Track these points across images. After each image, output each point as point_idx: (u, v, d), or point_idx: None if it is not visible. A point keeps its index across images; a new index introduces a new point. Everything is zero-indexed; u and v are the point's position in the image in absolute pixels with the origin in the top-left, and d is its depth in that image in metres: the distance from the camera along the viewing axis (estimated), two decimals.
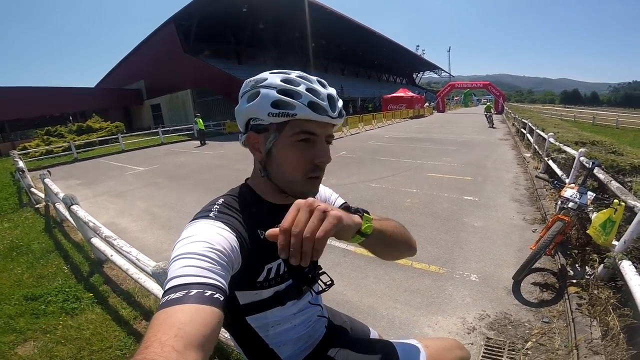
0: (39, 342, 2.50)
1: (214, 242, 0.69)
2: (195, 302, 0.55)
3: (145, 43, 30.45)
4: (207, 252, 0.65)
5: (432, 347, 1.09)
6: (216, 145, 15.81)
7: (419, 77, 75.94)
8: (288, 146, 0.79)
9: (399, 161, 8.95)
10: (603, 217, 2.52)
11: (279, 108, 0.76)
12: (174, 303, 0.55)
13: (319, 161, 0.80)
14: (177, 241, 0.70)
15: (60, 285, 3.29)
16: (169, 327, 0.50)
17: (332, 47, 37.06)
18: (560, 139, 5.92)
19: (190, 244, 0.67)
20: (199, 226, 0.74)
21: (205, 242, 0.67)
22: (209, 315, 0.54)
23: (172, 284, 0.59)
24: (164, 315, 0.53)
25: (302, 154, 0.79)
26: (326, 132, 0.81)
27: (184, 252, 0.65)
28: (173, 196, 6.77)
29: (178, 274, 0.61)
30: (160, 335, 0.48)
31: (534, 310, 2.63)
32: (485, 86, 37.22)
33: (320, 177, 0.84)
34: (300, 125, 0.77)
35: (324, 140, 0.81)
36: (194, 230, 0.72)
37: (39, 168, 11.30)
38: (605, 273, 2.58)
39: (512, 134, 14.90)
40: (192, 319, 0.52)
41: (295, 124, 0.77)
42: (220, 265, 0.65)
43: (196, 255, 0.64)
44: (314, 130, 0.78)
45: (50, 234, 4.85)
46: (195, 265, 0.62)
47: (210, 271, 0.62)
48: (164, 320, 0.51)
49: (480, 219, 4.54)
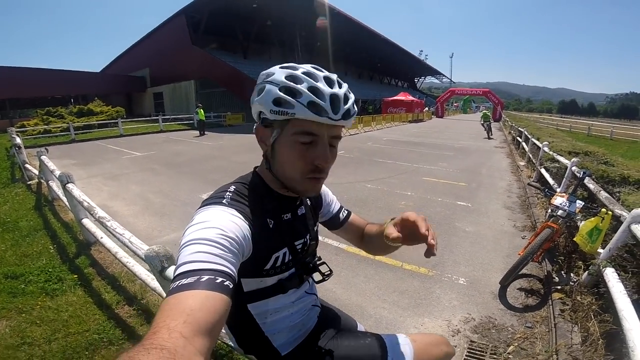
0: (12, 322, 2.44)
1: (227, 229, 0.69)
2: (206, 288, 0.55)
3: (154, 32, 30.57)
4: (219, 239, 0.65)
5: (420, 342, 1.11)
6: (215, 136, 15.77)
7: (421, 81, 76.10)
8: (289, 144, 0.78)
9: (396, 164, 8.96)
10: (590, 225, 2.55)
11: (280, 106, 0.75)
12: (185, 288, 0.54)
13: (318, 163, 0.78)
14: (189, 226, 0.70)
15: (44, 265, 3.23)
16: (179, 313, 0.49)
17: (336, 48, 37.08)
18: (554, 148, 5.96)
19: (203, 229, 0.67)
20: (212, 212, 0.73)
21: (218, 229, 0.67)
22: (218, 302, 0.54)
23: (184, 269, 0.59)
24: (174, 300, 0.52)
25: (302, 154, 0.78)
26: (330, 132, 0.79)
27: (197, 238, 0.65)
28: (169, 183, 6.74)
29: (190, 259, 0.60)
30: (170, 321, 0.48)
31: (518, 315, 2.65)
32: (484, 93, 37.37)
33: (322, 178, 0.83)
34: (301, 125, 0.76)
35: (327, 141, 0.79)
36: (207, 215, 0.72)
37: (36, 146, 11.23)
38: (589, 280, 2.61)
39: (508, 142, 15.01)
40: (202, 306, 0.52)
41: (296, 122, 0.76)
42: (231, 253, 0.65)
43: (209, 242, 0.64)
44: (315, 130, 0.76)
45: (40, 212, 4.80)
46: (208, 252, 0.62)
47: (222, 258, 0.63)
48: (174, 306, 0.51)
49: (471, 224, 4.56)
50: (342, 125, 0.79)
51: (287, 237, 0.92)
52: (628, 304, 1.78)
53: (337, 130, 0.81)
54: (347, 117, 0.78)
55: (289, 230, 0.93)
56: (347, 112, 0.78)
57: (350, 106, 0.79)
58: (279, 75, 0.77)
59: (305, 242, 0.99)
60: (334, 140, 0.82)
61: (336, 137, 0.82)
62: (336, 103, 0.76)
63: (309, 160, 0.78)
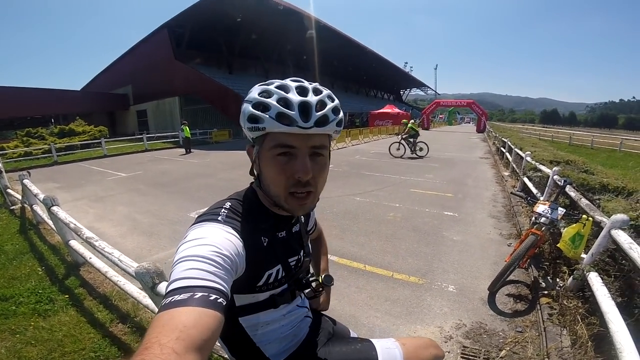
0: (7, 343, 2.40)
1: (221, 247, 0.69)
2: (200, 305, 0.55)
3: (136, 48, 30.22)
4: (213, 256, 0.65)
5: (409, 345, 1.12)
6: (201, 153, 15.66)
7: (406, 93, 77.35)
8: (268, 160, 0.78)
9: (383, 176, 9.08)
10: (572, 232, 2.65)
11: (253, 122, 0.76)
12: (178, 305, 0.54)
13: (298, 176, 0.76)
14: (183, 242, 0.70)
15: (33, 287, 3.18)
16: (172, 329, 0.49)
17: (323, 61, 37.62)
18: (536, 158, 6.15)
19: (198, 246, 0.67)
20: (206, 229, 0.73)
21: (212, 246, 0.67)
22: (211, 319, 0.54)
23: (177, 285, 0.59)
24: (167, 316, 0.52)
25: (282, 168, 0.77)
26: (309, 143, 0.77)
27: (191, 255, 0.65)
28: (156, 203, 6.66)
29: (183, 275, 0.60)
30: (162, 337, 0.48)
31: (508, 320, 2.72)
32: (469, 104, 38.08)
33: (309, 192, 0.81)
34: (276, 139, 0.76)
35: (305, 153, 0.77)
36: (202, 232, 0.72)
37: (17, 169, 10.95)
38: (574, 284, 2.70)
39: (492, 152, 15.35)
40: (195, 323, 0.51)
41: (272, 137, 0.76)
42: (225, 270, 0.65)
43: (203, 259, 0.64)
44: (290, 142, 0.75)
45: (25, 236, 4.70)
46: (201, 269, 0.62)
47: (216, 275, 0.62)
48: (167, 322, 0.51)
49: (459, 234, 4.66)
50: (318, 133, 0.77)
51: (281, 254, 0.92)
52: (613, 306, 1.84)
53: (319, 140, 0.78)
54: (322, 125, 0.76)
55: (283, 247, 0.94)
56: (321, 119, 0.76)
57: (328, 112, 0.77)
58: (253, 93, 0.79)
59: (299, 258, 1.00)
60: (319, 150, 0.79)
61: (319, 147, 0.79)
62: (306, 111, 0.74)
63: (289, 174, 0.77)
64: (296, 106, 0.74)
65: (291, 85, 0.78)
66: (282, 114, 0.74)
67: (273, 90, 0.77)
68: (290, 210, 0.84)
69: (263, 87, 0.79)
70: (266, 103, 0.75)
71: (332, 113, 0.79)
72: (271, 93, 0.77)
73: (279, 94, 0.76)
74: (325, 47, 32.40)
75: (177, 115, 27.67)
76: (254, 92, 0.79)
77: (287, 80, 0.81)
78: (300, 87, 0.79)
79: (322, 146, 0.80)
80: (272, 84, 0.80)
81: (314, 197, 0.84)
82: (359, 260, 3.81)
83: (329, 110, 0.79)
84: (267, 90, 0.78)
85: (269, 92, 0.77)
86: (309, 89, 0.79)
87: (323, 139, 0.80)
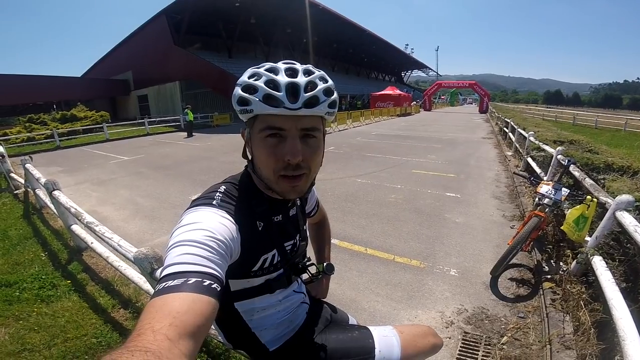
0: (11, 329, 2.43)
1: (215, 231, 0.68)
2: (193, 291, 0.54)
3: (135, 35, 30.04)
4: (207, 241, 0.65)
5: (407, 333, 1.11)
6: (203, 137, 15.61)
7: (407, 75, 76.48)
8: (258, 142, 0.78)
9: (385, 158, 9.02)
10: (576, 213, 2.59)
11: (242, 105, 0.76)
12: (172, 290, 0.53)
13: (287, 158, 0.75)
14: (177, 227, 0.69)
15: (37, 272, 3.21)
16: (164, 315, 0.49)
17: (323, 44, 37.02)
18: (540, 138, 6.07)
19: (192, 231, 0.66)
20: (201, 214, 0.73)
21: (206, 231, 0.67)
22: (205, 305, 0.53)
23: (170, 270, 0.58)
24: (160, 302, 0.52)
25: (272, 150, 0.76)
26: (299, 124, 0.75)
27: (185, 239, 0.64)
28: (158, 186, 6.67)
29: (177, 261, 0.59)
30: (155, 323, 0.47)
31: (510, 305, 2.69)
32: (471, 85, 37.66)
33: (298, 176, 0.79)
34: (265, 121, 0.75)
35: (296, 135, 0.75)
36: (196, 217, 0.71)
37: (20, 154, 10.97)
38: (578, 268, 2.65)
39: (495, 132, 15.20)
40: (188, 309, 0.51)
41: (261, 119, 0.75)
42: (219, 255, 0.65)
43: (196, 243, 0.63)
44: (279, 124, 0.74)
45: (29, 221, 4.72)
46: (195, 254, 0.61)
47: (210, 260, 0.62)
48: (160, 308, 0.50)
49: (461, 215, 4.63)
50: (308, 114, 0.75)
51: (276, 238, 0.91)
52: (616, 292, 1.79)
53: (309, 122, 0.77)
54: (311, 106, 0.74)
55: (279, 231, 0.93)
56: (310, 100, 0.74)
57: (318, 93, 0.75)
58: (244, 76, 0.78)
59: (295, 243, 0.99)
60: (311, 132, 0.77)
61: (310, 129, 0.77)
62: (294, 92, 0.73)
63: (279, 156, 0.75)
64: (283, 87, 0.73)
65: (281, 67, 0.77)
66: (269, 95, 0.72)
67: (262, 73, 0.76)
68: (282, 194, 0.82)
69: (254, 70, 0.78)
70: (254, 85, 0.74)
71: (323, 94, 0.77)
72: (260, 75, 0.76)
73: (268, 76, 0.74)
74: (325, 30, 31.94)
75: (178, 100, 27.73)
76: (245, 75, 0.79)
77: (280, 62, 0.79)
78: (291, 69, 0.77)
79: (314, 128, 0.78)
80: (263, 66, 0.78)
81: (307, 179, 0.82)
82: (360, 243, 3.80)
83: (319, 91, 0.76)
84: (256, 72, 0.77)
85: (258, 75, 0.76)
86: (299, 70, 0.77)
87: (314, 120, 0.78)
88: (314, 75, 0.78)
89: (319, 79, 0.78)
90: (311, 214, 1.21)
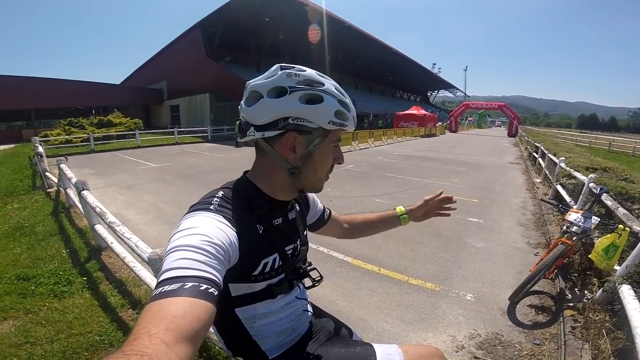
0: (19, 322, 2.49)
1: (213, 236, 0.68)
2: (190, 295, 0.54)
3: (171, 46, 31.57)
4: (205, 246, 0.65)
5: (412, 353, 1.06)
6: (227, 149, 16.03)
7: (434, 95, 76.00)
8: (328, 150, 0.88)
9: (406, 179, 8.88)
10: (606, 242, 2.49)
11: (340, 118, 0.83)
12: (168, 295, 0.54)
13: (338, 162, 0.93)
14: (175, 232, 0.70)
15: (55, 268, 3.31)
16: (161, 319, 0.49)
17: (347, 61, 37.52)
18: (571, 164, 5.81)
19: (189, 236, 0.66)
20: (198, 219, 0.73)
21: (203, 235, 0.67)
22: (202, 310, 0.53)
23: (167, 275, 0.58)
24: (157, 307, 0.52)
25: (333, 157, 0.90)
26: None
27: (182, 244, 0.64)
28: (180, 193, 6.85)
29: (174, 266, 0.60)
30: (151, 327, 0.47)
31: (527, 332, 2.56)
32: (500, 107, 36.88)
33: None
34: (337, 134, 0.88)
35: None
36: (193, 222, 0.72)
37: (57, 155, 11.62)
38: (603, 297, 2.54)
39: (524, 157, 14.73)
40: (185, 313, 0.51)
41: (336, 131, 0.87)
42: (217, 260, 0.65)
43: (194, 248, 0.63)
44: (342, 137, 0.92)
45: (57, 218, 4.93)
46: (192, 259, 0.61)
47: (207, 265, 0.62)
48: (156, 313, 0.50)
49: (482, 241, 4.46)
50: None
51: (277, 242, 0.91)
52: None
53: None
54: None
55: (280, 235, 0.93)
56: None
57: None
58: (329, 86, 0.83)
59: (295, 247, 0.99)
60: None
61: None
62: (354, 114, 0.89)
63: (333, 161, 0.91)
64: (351, 109, 0.88)
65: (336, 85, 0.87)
66: (354, 117, 0.88)
67: (338, 90, 0.86)
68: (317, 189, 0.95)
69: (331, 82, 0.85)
70: (347, 104, 0.86)
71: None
72: (341, 92, 0.86)
73: (345, 95, 0.87)
74: (350, 47, 32.45)
75: (207, 111, 28.67)
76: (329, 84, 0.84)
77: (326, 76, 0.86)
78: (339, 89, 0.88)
79: None
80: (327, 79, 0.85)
81: None
82: (373, 262, 3.72)
83: None
84: (338, 88, 0.86)
85: (342, 92, 0.86)
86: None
87: None
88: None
89: None
90: (324, 218, 1.25)
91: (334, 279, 3.29)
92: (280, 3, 22.95)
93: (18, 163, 10.70)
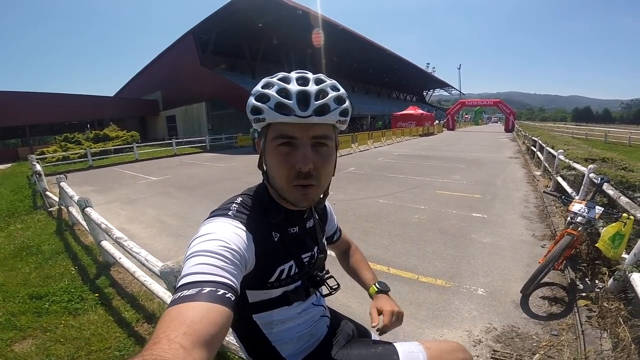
0: (38, 340, 2.50)
1: (230, 241, 0.69)
2: (207, 300, 0.55)
3: (164, 55, 31.11)
4: (222, 251, 0.66)
5: (434, 349, 1.06)
6: (227, 158, 16.00)
7: (429, 94, 76.16)
8: (271, 151, 0.79)
9: (407, 178, 8.91)
10: (612, 231, 2.52)
11: (255, 114, 0.78)
12: (186, 300, 0.55)
13: (298, 166, 0.75)
14: (194, 238, 0.71)
15: (66, 286, 3.31)
16: (179, 324, 0.49)
17: (343, 64, 37.57)
18: (570, 156, 5.86)
19: (207, 241, 0.68)
20: (216, 224, 0.75)
21: (221, 241, 0.68)
22: (219, 315, 0.54)
23: (186, 280, 0.59)
24: (175, 311, 0.53)
25: (284, 159, 0.77)
26: (311, 133, 0.77)
27: (200, 250, 0.66)
28: (183, 205, 6.84)
29: (192, 271, 0.61)
30: (170, 332, 0.48)
31: (543, 323, 2.58)
32: (495, 104, 37.14)
33: (310, 185, 0.80)
34: (277, 129, 0.77)
35: (307, 143, 0.77)
36: (211, 228, 0.73)
37: (55, 173, 11.59)
38: (615, 286, 2.56)
39: (522, 152, 14.80)
40: (202, 318, 0.52)
41: (274, 128, 0.78)
42: (234, 265, 0.66)
43: (211, 254, 0.65)
44: (290, 132, 0.76)
45: (61, 237, 4.93)
46: (210, 264, 0.62)
47: (224, 270, 0.63)
48: (175, 317, 0.51)
49: (488, 235, 4.49)
50: (319, 122, 0.76)
51: (293, 250, 0.91)
52: None
53: (321, 130, 0.78)
54: (321, 114, 0.76)
55: (296, 243, 0.93)
56: (320, 108, 0.75)
57: (329, 101, 0.77)
58: (258, 86, 0.80)
59: (312, 255, 0.99)
60: (322, 140, 0.79)
61: (321, 137, 0.79)
62: (305, 100, 0.75)
63: (290, 165, 0.77)
64: (294, 95, 0.75)
65: (292, 76, 0.79)
66: (280, 103, 0.74)
67: (274, 82, 0.78)
68: (294, 202, 0.83)
69: (267, 80, 0.81)
70: (267, 94, 0.76)
71: (334, 102, 0.78)
72: (272, 84, 0.78)
73: (279, 85, 0.77)
74: (345, 50, 32.39)
75: (204, 121, 28.33)
76: (259, 85, 0.81)
77: (293, 72, 0.82)
78: (302, 78, 0.79)
79: (325, 136, 0.80)
80: (276, 76, 0.81)
81: (317, 189, 0.83)
82: (382, 262, 3.73)
83: (330, 99, 0.78)
84: (269, 82, 0.79)
85: (270, 84, 0.79)
86: (310, 79, 0.80)
87: (326, 129, 0.80)
88: (324, 83, 0.80)
89: (330, 88, 0.80)
90: (334, 238, 1.23)
91: (345, 281, 3.26)
92: (273, 9, 22.79)
93: (16, 183, 10.64)
